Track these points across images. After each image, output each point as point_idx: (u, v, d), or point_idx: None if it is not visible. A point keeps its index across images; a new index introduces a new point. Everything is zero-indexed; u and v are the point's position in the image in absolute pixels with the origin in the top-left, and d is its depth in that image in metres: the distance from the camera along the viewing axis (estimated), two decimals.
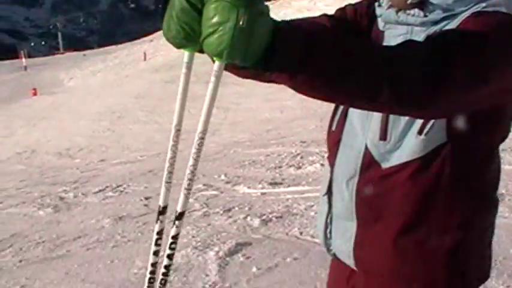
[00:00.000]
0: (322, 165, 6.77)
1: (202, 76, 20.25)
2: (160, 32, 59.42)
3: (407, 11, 1.17)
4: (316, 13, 1.34)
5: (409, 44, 0.96)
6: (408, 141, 1.17)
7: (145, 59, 40.34)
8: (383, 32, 1.26)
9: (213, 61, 0.96)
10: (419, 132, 1.14)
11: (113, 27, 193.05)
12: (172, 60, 36.15)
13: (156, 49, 43.32)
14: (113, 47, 57.68)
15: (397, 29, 1.20)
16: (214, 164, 8.62)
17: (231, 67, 1.06)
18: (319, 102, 1.05)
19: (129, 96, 25.26)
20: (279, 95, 20.91)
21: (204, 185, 7.20)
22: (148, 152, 13.32)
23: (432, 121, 1.10)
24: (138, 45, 49.41)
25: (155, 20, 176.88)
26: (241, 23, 0.80)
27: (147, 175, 8.88)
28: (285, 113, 15.10)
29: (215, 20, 0.82)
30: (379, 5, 1.25)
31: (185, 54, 1.10)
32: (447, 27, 1.07)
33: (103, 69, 40.91)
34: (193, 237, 4.99)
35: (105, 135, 19.33)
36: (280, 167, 7.53)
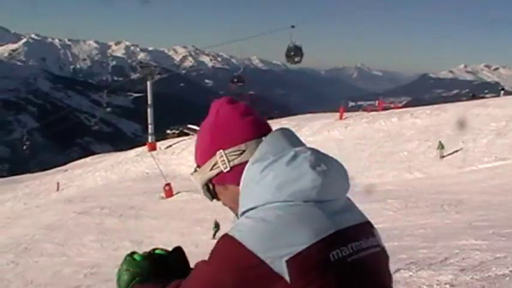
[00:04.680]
0: None
1: (116, 209, 20.37)
2: (74, 163, 58.95)
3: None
4: None
5: None
6: None
7: (58, 189, 39.40)
8: None
9: None
10: None
11: (26, 156, 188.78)
12: (86, 191, 35.66)
13: (70, 179, 42.63)
14: (25, 176, 56.00)
15: None
16: None
17: None
18: None
19: (38, 227, 24.32)
20: (194, 229, 20.96)
21: None
22: (55, 287, 12.70)
23: None
24: (51, 175, 48.39)
25: (70, 151, 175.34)
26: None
27: None
28: (200, 248, 15.03)
29: None
30: None
31: None
32: None
33: (12, 198, 39.40)
34: None
35: (8, 268, 18.26)
36: None
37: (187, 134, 56.07)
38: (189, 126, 60.84)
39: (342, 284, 1.22)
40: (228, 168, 1.39)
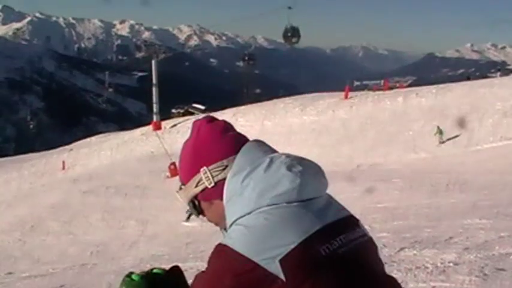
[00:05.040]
0: None
1: (121, 188, 20.43)
2: (80, 142, 59.07)
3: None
4: (237, 128, 1.61)
5: None
6: None
7: (63, 169, 39.59)
8: None
9: None
10: None
11: (32, 135, 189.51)
12: (92, 170, 35.79)
13: (76, 159, 42.78)
14: (30, 155, 56.25)
15: None
16: None
17: None
18: None
19: (44, 206, 24.48)
20: None
21: None
22: (62, 264, 12.80)
23: None
24: (56, 154, 48.57)
25: (76, 130, 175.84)
26: None
27: None
28: (205, 226, 15.10)
29: None
30: None
31: None
32: None
33: (17, 177, 39.64)
34: None
35: (15, 246, 18.45)
36: None
37: (192, 114, 56.13)
38: (194, 105, 60.89)
39: (336, 276, 1.27)
40: (212, 184, 1.45)
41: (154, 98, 50.89)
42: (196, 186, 1.48)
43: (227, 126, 1.54)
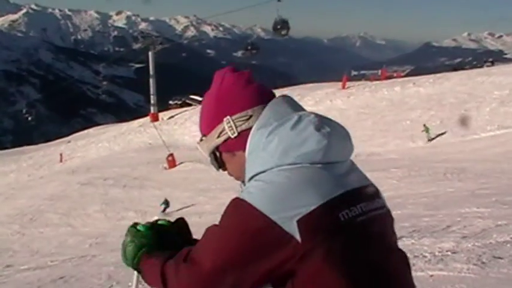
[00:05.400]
0: None
1: (120, 179, 20.44)
2: (78, 134, 59.03)
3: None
4: None
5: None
6: None
7: (61, 161, 39.55)
8: None
9: None
10: None
11: (30, 127, 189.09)
12: (90, 162, 35.77)
13: (73, 150, 42.74)
14: (28, 147, 56.18)
15: None
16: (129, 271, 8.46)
17: None
18: None
19: (43, 198, 24.49)
20: (198, 198, 21.07)
21: None
22: (61, 256, 12.82)
23: None
24: (54, 146, 48.52)
25: (73, 122, 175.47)
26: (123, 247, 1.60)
27: (57, 282, 8.55)
28: (204, 218, 15.14)
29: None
30: None
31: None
32: None
33: (16, 170, 39.61)
34: None
35: (13, 239, 18.47)
36: None
37: (189, 105, 56.03)
38: (192, 96, 60.75)
39: (351, 244, 1.25)
40: (235, 134, 1.41)
41: (152, 90, 50.79)
42: (219, 136, 1.45)
43: (252, 77, 1.51)
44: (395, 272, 1.35)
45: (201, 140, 1.52)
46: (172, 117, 45.97)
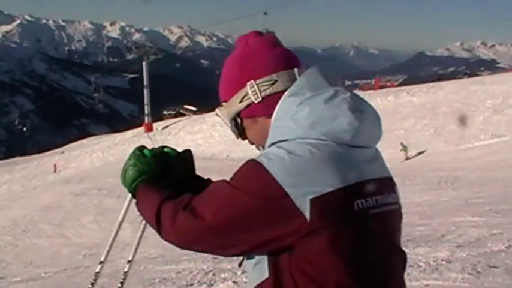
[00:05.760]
0: (234, 282, 6.80)
1: (114, 189, 20.35)
2: (71, 144, 58.86)
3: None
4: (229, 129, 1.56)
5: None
6: (250, 271, 1.37)
7: (55, 171, 39.42)
8: None
9: None
10: (253, 265, 1.34)
11: (23, 138, 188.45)
12: (83, 172, 35.65)
13: (67, 161, 42.60)
14: (21, 158, 55.96)
15: None
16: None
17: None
18: None
19: (36, 209, 24.33)
20: None
21: None
22: (54, 268, 12.72)
23: (255, 258, 1.31)
24: (48, 157, 48.35)
25: (67, 132, 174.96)
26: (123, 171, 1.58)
27: None
28: None
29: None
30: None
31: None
32: None
33: (9, 180, 39.41)
34: None
35: (6, 250, 18.32)
36: (191, 284, 7.45)
37: (183, 115, 56.08)
38: (186, 106, 60.81)
39: (358, 235, 1.23)
40: (259, 99, 1.36)
41: (146, 100, 50.82)
42: (241, 101, 1.39)
43: (277, 41, 1.46)
44: (392, 274, 1.33)
45: (221, 105, 1.45)
46: (166, 127, 45.95)
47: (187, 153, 1.62)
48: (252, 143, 1.47)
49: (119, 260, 11.15)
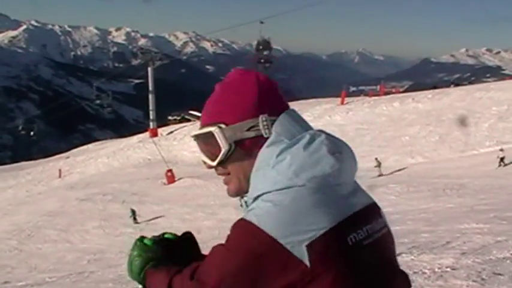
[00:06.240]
0: None
1: (118, 195, 20.36)
2: (76, 149, 58.98)
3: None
4: None
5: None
6: None
7: (60, 176, 39.48)
8: None
9: None
10: None
11: (28, 143, 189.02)
12: (88, 177, 35.70)
13: (72, 166, 42.67)
14: (27, 163, 56.12)
15: None
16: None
17: None
18: None
19: (41, 214, 24.40)
20: (196, 214, 21.01)
21: None
22: (59, 273, 12.74)
23: None
24: (53, 162, 48.46)
25: (72, 138, 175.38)
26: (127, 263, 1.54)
27: None
28: (203, 234, 15.08)
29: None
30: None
31: None
32: None
33: (14, 185, 39.50)
34: None
35: (11, 255, 18.37)
36: None
37: (188, 120, 56.06)
38: (191, 112, 60.81)
39: (360, 267, 1.24)
40: (268, 135, 1.35)
41: (151, 105, 50.89)
42: (248, 130, 1.37)
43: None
44: None
45: (219, 127, 1.40)
46: (171, 132, 45.99)
47: (188, 235, 1.64)
48: (228, 182, 1.46)
49: (123, 265, 11.13)
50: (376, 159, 24.64)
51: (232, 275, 1.24)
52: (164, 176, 28.21)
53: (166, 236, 1.61)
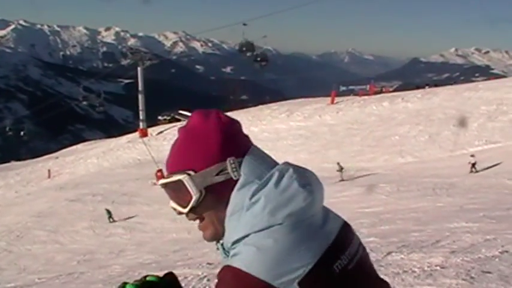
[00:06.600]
0: None
1: (108, 195, 20.32)
2: (66, 150, 58.65)
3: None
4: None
5: None
6: None
7: (49, 177, 39.26)
8: None
9: None
10: None
11: (17, 143, 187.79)
12: (78, 178, 35.52)
13: (62, 167, 42.45)
14: (16, 163, 55.76)
15: None
16: None
17: None
18: None
19: (30, 215, 24.26)
20: None
21: None
22: (48, 274, 12.67)
23: None
24: (42, 163, 48.19)
25: (61, 138, 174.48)
26: None
27: None
28: (193, 234, 15.06)
29: None
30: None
31: None
32: None
33: (3, 186, 39.24)
34: None
35: (0, 256, 18.25)
36: None
37: (178, 120, 55.97)
38: (181, 112, 60.71)
39: None
40: (237, 177, 1.34)
41: (141, 105, 50.75)
42: (217, 175, 1.36)
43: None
44: None
45: (188, 174, 1.39)
46: (161, 132, 45.91)
47: (171, 275, 1.60)
48: (202, 229, 1.45)
49: (114, 265, 11.15)
50: (338, 163, 24.01)
51: None
52: (154, 176, 28.12)
53: (148, 278, 1.56)
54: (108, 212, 21.83)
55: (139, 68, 51.66)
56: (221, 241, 1.42)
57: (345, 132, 32.20)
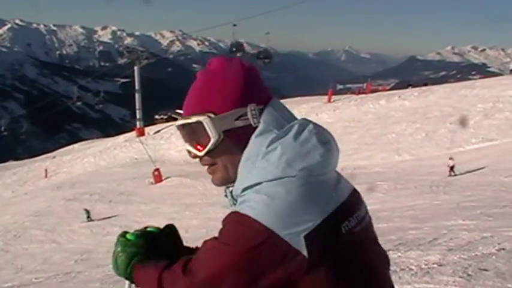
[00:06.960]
0: None
1: (105, 195, 20.36)
2: (63, 149, 58.59)
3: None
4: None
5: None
6: None
7: (46, 176, 39.22)
8: None
9: None
10: None
11: (13, 143, 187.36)
12: (75, 177, 35.48)
13: (59, 166, 42.40)
14: (12, 162, 55.68)
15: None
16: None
17: None
18: None
19: (27, 214, 24.22)
20: (184, 214, 20.96)
21: None
22: (45, 273, 12.66)
23: None
24: (39, 162, 48.11)
25: (58, 137, 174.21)
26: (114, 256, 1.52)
27: None
28: (190, 233, 15.05)
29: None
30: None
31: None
32: None
33: (0, 185, 39.22)
34: None
35: None
36: None
37: (175, 119, 55.81)
38: (178, 111, 60.63)
39: (353, 254, 1.27)
40: (256, 124, 1.34)
41: (138, 104, 50.71)
42: (237, 119, 1.35)
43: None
44: (384, 272, 1.40)
45: (209, 116, 1.37)
46: (158, 131, 45.85)
47: (171, 227, 1.62)
48: (213, 172, 1.44)
49: (111, 265, 11.07)
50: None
51: (229, 268, 1.23)
52: (151, 175, 28.11)
53: (148, 229, 1.57)
54: (87, 211, 21.85)
55: (136, 67, 51.63)
56: (230, 188, 1.42)
57: (342, 130, 32.20)
